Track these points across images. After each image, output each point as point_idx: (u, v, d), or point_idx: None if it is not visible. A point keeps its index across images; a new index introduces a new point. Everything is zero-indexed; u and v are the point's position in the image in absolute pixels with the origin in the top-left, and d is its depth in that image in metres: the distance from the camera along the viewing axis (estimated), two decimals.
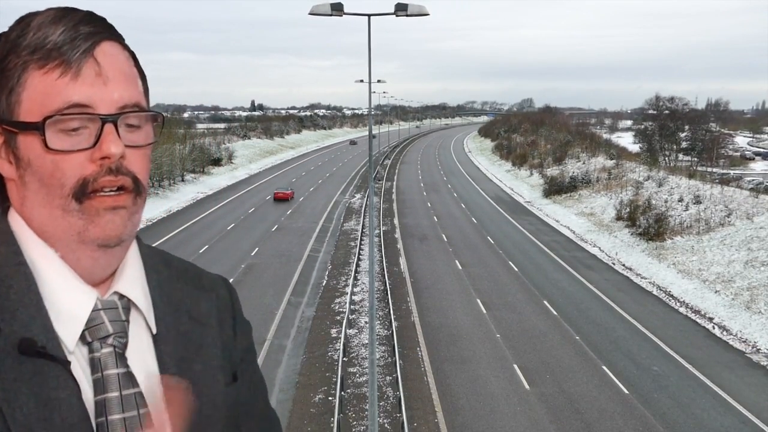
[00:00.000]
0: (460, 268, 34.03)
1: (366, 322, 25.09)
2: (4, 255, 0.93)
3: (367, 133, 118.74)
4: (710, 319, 27.65)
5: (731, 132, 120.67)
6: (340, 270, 33.29)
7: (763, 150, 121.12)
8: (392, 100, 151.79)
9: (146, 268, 1.04)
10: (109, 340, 0.93)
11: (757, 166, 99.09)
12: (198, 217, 46.36)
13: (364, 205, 51.82)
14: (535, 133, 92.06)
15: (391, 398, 19.73)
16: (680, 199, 42.20)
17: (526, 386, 20.63)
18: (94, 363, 0.92)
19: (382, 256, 35.71)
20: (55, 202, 0.91)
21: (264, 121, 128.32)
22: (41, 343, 0.88)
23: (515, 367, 22.05)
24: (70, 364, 0.89)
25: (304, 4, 16.66)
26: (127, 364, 0.93)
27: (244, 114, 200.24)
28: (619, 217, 43.26)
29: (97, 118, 0.89)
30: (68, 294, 0.93)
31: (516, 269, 34.16)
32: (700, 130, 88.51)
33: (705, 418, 19.04)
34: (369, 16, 18.09)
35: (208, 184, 62.87)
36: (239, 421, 1.10)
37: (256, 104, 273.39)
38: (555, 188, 56.10)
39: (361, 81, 50.62)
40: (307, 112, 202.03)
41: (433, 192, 62.85)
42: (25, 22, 0.92)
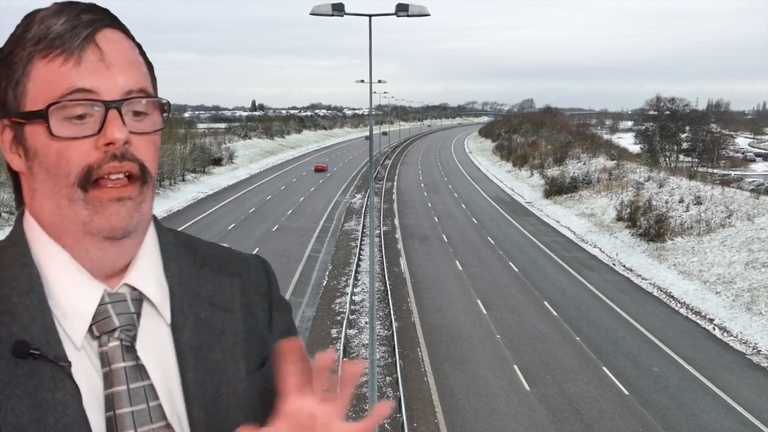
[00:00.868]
0: (461, 269, 34.03)
1: (366, 323, 25.09)
2: (11, 256, 0.94)
3: (378, 131, 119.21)
4: (711, 321, 27.64)
5: (732, 133, 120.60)
6: (341, 270, 33.29)
7: (763, 151, 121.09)
8: (393, 101, 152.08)
9: (165, 256, 1.03)
10: (116, 333, 0.93)
11: (758, 167, 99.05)
12: (198, 217, 46.39)
13: (364, 206, 51.81)
14: (535, 134, 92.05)
15: (391, 398, 19.73)
16: (681, 200, 42.19)
17: (526, 387, 20.63)
18: (103, 357, 0.92)
19: (382, 257, 35.70)
20: (61, 191, 0.91)
21: (265, 121, 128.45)
22: (37, 344, 0.88)
23: (515, 367, 22.04)
24: (69, 365, 0.89)
25: (307, 4, 16.66)
26: (137, 357, 0.93)
27: (245, 114, 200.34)
28: (619, 218, 43.25)
29: (101, 104, 0.89)
30: (74, 290, 0.93)
31: (516, 270, 34.16)
32: (701, 131, 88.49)
33: (705, 419, 19.03)
34: (370, 16, 18.13)
35: (209, 184, 62.91)
36: (271, 406, 1.06)
37: (257, 104, 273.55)
38: (555, 189, 56.10)
39: (362, 81, 50.71)
40: (308, 112, 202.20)
41: (434, 192, 62.85)
42: (31, 16, 0.93)
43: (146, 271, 0.98)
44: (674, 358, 23.47)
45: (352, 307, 27.19)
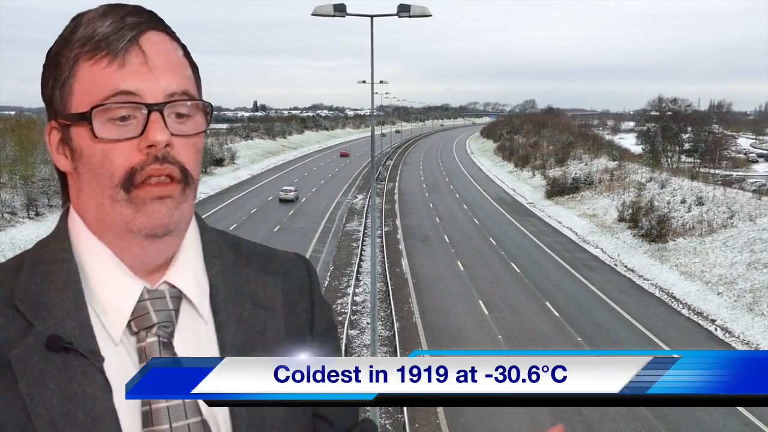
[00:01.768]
0: (462, 269, 34.02)
1: (368, 323, 25.10)
2: (52, 252, 0.96)
3: (390, 130, 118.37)
4: (713, 321, 27.62)
5: (734, 133, 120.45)
6: (342, 271, 33.30)
7: (765, 152, 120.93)
8: (395, 101, 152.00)
9: (208, 255, 1.05)
10: (154, 329, 0.95)
11: (760, 168, 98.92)
12: None
13: (366, 206, 51.82)
14: (537, 135, 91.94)
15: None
16: (683, 201, 42.15)
17: None
18: (141, 353, 0.94)
19: (384, 257, 35.70)
20: (105, 192, 0.93)
21: (266, 122, 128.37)
22: (70, 338, 0.90)
23: None
24: (101, 360, 0.91)
25: (309, 5, 16.68)
26: (174, 353, 0.95)
27: (247, 114, 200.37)
28: (621, 219, 43.22)
29: (143, 107, 0.91)
30: (114, 287, 0.95)
31: (518, 270, 34.15)
32: (703, 132, 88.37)
33: (707, 420, 19.03)
34: (371, 17, 18.13)
35: (211, 185, 62.93)
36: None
37: (259, 105, 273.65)
38: (557, 189, 56.06)
39: (364, 82, 50.68)
40: (310, 113, 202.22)
41: (435, 193, 62.83)
42: (78, 18, 0.95)
43: (186, 269, 1.01)
44: None
45: (354, 308, 27.21)
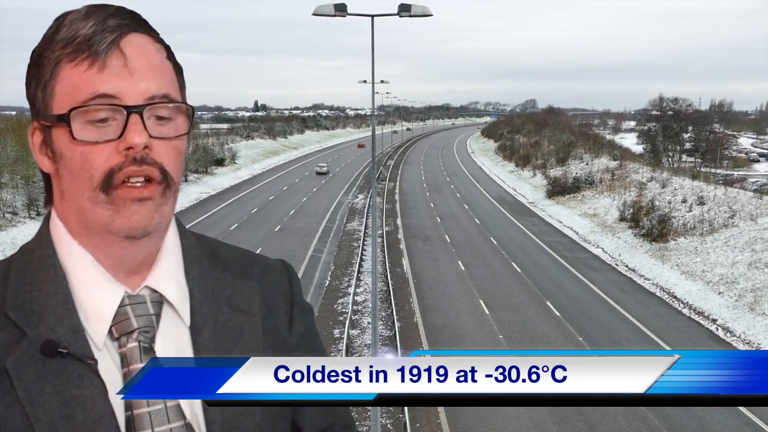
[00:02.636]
0: (463, 269, 34.02)
1: (369, 323, 25.10)
2: (39, 258, 0.96)
3: (401, 128, 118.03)
4: (714, 321, 27.60)
5: (735, 133, 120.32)
6: (343, 270, 33.30)
7: (766, 151, 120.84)
8: (396, 101, 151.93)
9: (187, 260, 1.05)
10: (134, 335, 0.95)
11: (761, 168, 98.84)
12: (201, 217, 46.41)
13: (367, 206, 51.82)
14: (538, 134, 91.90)
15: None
16: (684, 201, 42.13)
17: None
18: (122, 358, 0.94)
19: (384, 257, 35.69)
20: (84, 194, 0.93)
21: (267, 122, 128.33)
22: (65, 343, 0.91)
23: None
24: (96, 363, 0.92)
25: (311, 5, 16.68)
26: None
27: (248, 114, 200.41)
28: (622, 219, 43.20)
29: (122, 109, 0.91)
30: (95, 292, 0.95)
31: (519, 270, 34.14)
32: (704, 131, 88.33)
33: (708, 420, 19.02)
34: (372, 16, 18.11)
35: (212, 185, 62.94)
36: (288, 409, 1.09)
37: (260, 104, 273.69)
38: (558, 189, 56.03)
39: (365, 82, 50.65)
40: (311, 113, 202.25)
41: (436, 193, 62.82)
42: (61, 19, 0.94)
43: (167, 274, 1.00)
44: None
45: (355, 308, 27.21)
